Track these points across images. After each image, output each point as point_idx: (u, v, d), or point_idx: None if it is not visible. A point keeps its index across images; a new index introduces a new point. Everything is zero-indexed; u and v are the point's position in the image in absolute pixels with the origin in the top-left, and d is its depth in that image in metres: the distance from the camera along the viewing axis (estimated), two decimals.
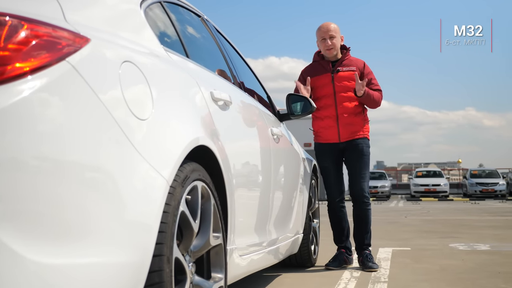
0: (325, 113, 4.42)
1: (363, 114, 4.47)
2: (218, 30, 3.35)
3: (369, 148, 4.49)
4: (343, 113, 4.37)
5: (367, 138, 4.48)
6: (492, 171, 28.68)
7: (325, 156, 4.51)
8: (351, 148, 4.42)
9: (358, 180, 4.42)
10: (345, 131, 4.39)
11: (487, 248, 5.65)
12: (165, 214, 1.71)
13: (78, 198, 1.41)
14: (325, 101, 4.42)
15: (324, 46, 4.45)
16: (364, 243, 4.43)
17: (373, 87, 4.43)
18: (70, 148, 1.40)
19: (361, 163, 4.43)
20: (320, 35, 4.46)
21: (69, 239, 1.38)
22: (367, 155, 4.46)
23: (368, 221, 4.45)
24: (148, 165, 1.66)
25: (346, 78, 4.40)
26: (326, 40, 4.42)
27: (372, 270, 4.17)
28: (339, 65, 4.45)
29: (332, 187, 4.52)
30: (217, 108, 2.41)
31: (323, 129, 4.47)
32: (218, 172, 2.29)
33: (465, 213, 12.67)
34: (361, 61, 4.51)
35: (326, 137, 4.46)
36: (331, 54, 4.45)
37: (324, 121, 4.44)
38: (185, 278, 1.90)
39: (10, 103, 1.30)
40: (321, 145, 4.52)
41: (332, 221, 4.58)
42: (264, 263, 3.20)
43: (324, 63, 4.50)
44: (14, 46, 1.35)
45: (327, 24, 4.47)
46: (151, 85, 1.82)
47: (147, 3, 2.26)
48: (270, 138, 3.29)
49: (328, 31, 4.42)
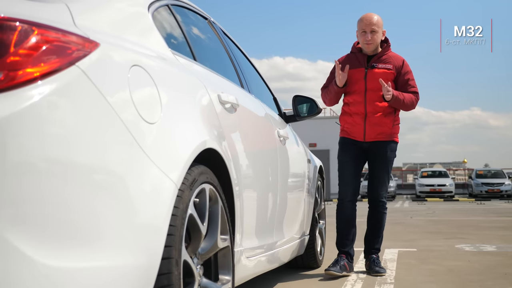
0: (354, 110, 4.17)
1: (394, 115, 4.18)
2: (225, 32, 3.36)
3: (395, 152, 4.25)
4: (372, 112, 4.11)
5: (395, 141, 4.22)
6: (498, 171, 28.61)
7: (346, 151, 4.25)
8: (375, 150, 4.19)
9: (376, 184, 4.23)
10: (371, 131, 4.13)
11: (493, 249, 5.64)
12: (173, 217, 1.73)
13: (88, 201, 1.42)
14: (355, 97, 4.16)
15: (363, 40, 4.13)
16: (374, 246, 4.26)
17: (409, 88, 4.17)
18: (80, 152, 1.42)
19: (383, 168, 4.22)
20: (361, 27, 4.13)
21: (79, 242, 1.39)
22: (391, 160, 4.23)
23: (381, 225, 4.27)
24: (156, 169, 1.67)
25: (380, 76, 4.09)
26: (366, 33, 4.10)
27: (379, 275, 4.03)
28: (376, 61, 4.16)
29: (347, 185, 4.21)
30: (224, 111, 2.42)
31: (349, 125, 4.21)
32: (226, 174, 2.30)
33: (470, 214, 12.65)
34: (400, 58, 4.21)
35: (351, 133, 4.21)
36: (369, 49, 4.14)
37: (352, 118, 4.19)
38: (193, 280, 1.91)
39: (21, 107, 1.31)
40: (345, 139, 4.26)
41: (339, 222, 4.26)
42: (271, 264, 3.20)
43: (360, 56, 4.20)
44: (25, 51, 1.37)
45: (370, 16, 4.13)
46: (159, 89, 1.83)
47: (154, 6, 2.27)
48: (276, 140, 3.30)
49: (370, 24, 4.09)
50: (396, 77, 4.16)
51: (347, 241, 4.22)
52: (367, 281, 3.84)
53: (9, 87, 1.32)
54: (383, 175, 4.23)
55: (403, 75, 4.16)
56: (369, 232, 4.31)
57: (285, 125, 3.81)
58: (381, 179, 4.23)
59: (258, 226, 2.85)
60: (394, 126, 4.19)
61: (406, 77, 4.17)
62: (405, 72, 4.17)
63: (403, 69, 4.17)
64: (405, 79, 4.17)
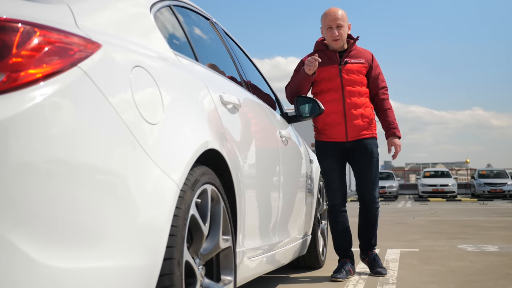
0: (331, 108, 4.00)
1: (371, 111, 4.12)
2: (227, 33, 3.36)
3: (378, 148, 4.16)
4: (351, 108, 4.00)
5: (375, 137, 4.14)
6: (501, 171, 28.56)
7: (329, 156, 4.10)
8: (359, 149, 4.06)
9: (368, 183, 4.08)
10: (353, 129, 4.01)
11: (495, 249, 5.63)
12: (175, 218, 1.73)
13: (90, 202, 1.43)
14: (331, 95, 4.02)
15: (330, 36, 4.03)
16: (370, 244, 4.19)
17: (380, 82, 4.14)
18: (82, 152, 1.42)
19: (371, 166, 4.09)
20: (326, 23, 4.04)
21: (81, 242, 1.40)
22: (377, 157, 4.12)
23: (375, 224, 4.18)
24: (158, 169, 1.68)
25: (355, 71, 4.03)
26: (332, 29, 4.01)
27: (380, 275, 3.97)
28: (347, 56, 4.07)
29: (336, 191, 4.12)
30: (226, 111, 2.42)
31: (328, 126, 4.05)
32: (228, 175, 2.30)
33: (473, 214, 12.63)
34: (369, 52, 4.18)
35: (332, 135, 4.05)
36: (337, 45, 4.05)
37: (330, 117, 4.02)
38: (195, 281, 1.92)
39: (24, 108, 1.32)
40: (325, 143, 4.10)
41: (334, 229, 4.18)
42: (273, 265, 3.21)
43: (330, 53, 4.08)
44: (27, 52, 1.37)
45: (334, 11, 4.04)
46: (161, 90, 1.83)
47: (156, 7, 2.28)
48: (278, 141, 3.30)
49: (335, 20, 4.00)
50: (367, 71, 4.12)
51: (345, 246, 4.16)
52: (369, 282, 3.84)
53: (12, 88, 1.32)
54: (373, 173, 4.10)
55: (374, 69, 4.14)
56: (363, 232, 4.20)
57: (287, 126, 3.81)
58: (372, 177, 4.09)
59: (260, 227, 2.85)
60: (373, 122, 4.13)
61: (376, 71, 4.15)
62: (375, 66, 4.15)
63: (373, 63, 4.15)
64: (376, 73, 4.15)
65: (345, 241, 4.16)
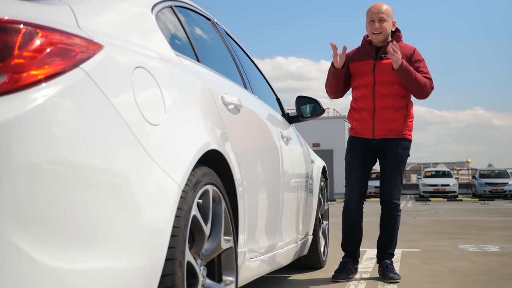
0: (361, 105, 3.93)
1: (406, 110, 3.92)
2: (228, 33, 3.36)
3: (408, 151, 3.97)
4: (381, 106, 3.87)
5: (407, 138, 3.95)
6: (502, 171, 28.57)
7: (353, 151, 4.02)
8: (385, 148, 3.94)
9: (388, 184, 3.96)
10: (381, 128, 3.89)
11: (496, 249, 5.63)
12: (177, 219, 1.73)
13: (92, 203, 1.43)
14: (363, 91, 3.92)
15: (370, 29, 3.89)
16: (387, 251, 4.00)
17: (422, 75, 3.86)
18: (83, 153, 1.42)
19: (394, 167, 3.94)
20: (369, 16, 3.89)
21: (82, 243, 1.40)
22: (403, 159, 3.95)
23: (395, 228, 4.02)
24: (160, 170, 1.68)
25: (390, 68, 3.81)
26: (374, 22, 3.86)
27: (393, 281, 3.76)
28: (384, 52, 3.89)
29: (352, 189, 4.01)
30: (227, 112, 2.42)
31: (357, 122, 3.99)
32: (229, 175, 2.30)
33: (474, 214, 12.62)
34: (410, 47, 3.94)
35: (359, 131, 3.98)
36: (378, 39, 3.90)
37: (359, 114, 3.96)
38: (196, 281, 1.92)
39: (26, 110, 1.32)
40: (353, 138, 4.04)
41: (345, 225, 4.07)
42: (275, 265, 3.21)
43: (369, 48, 3.96)
44: (29, 53, 1.37)
45: (379, 5, 3.89)
46: (163, 90, 1.83)
47: (158, 7, 2.28)
48: (279, 141, 3.30)
49: (378, 13, 3.86)
50: None
51: (353, 245, 4.08)
52: (370, 282, 3.84)
53: (14, 90, 1.32)
54: (395, 175, 3.96)
55: (414, 63, 3.89)
56: (382, 236, 4.07)
57: (288, 126, 3.81)
58: (393, 179, 3.96)
59: (262, 227, 2.85)
60: (406, 122, 3.94)
61: (417, 64, 3.89)
62: (416, 60, 3.90)
63: (413, 57, 3.91)
64: (416, 67, 3.87)
65: (351, 241, 4.07)
